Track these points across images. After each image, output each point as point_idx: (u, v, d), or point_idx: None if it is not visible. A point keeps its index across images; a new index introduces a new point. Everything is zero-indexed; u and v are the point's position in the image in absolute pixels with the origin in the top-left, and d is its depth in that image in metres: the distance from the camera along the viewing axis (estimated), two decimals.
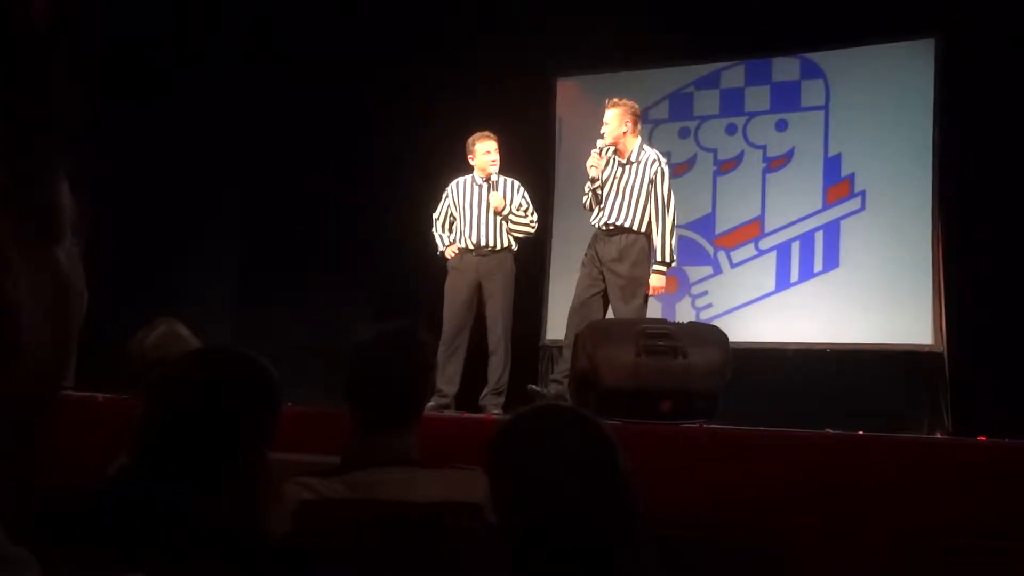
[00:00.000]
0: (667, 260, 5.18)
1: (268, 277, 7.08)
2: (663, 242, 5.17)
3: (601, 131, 5.35)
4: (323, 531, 1.77)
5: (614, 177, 5.29)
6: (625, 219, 5.23)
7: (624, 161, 5.30)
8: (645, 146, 5.38)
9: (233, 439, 1.56)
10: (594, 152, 5.32)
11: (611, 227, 5.26)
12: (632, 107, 5.35)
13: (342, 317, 6.60)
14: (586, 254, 5.45)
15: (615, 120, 5.30)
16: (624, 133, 5.28)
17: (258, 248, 7.23)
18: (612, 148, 5.32)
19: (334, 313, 6.62)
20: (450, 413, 5.24)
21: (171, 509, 1.42)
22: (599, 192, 5.33)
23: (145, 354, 2.69)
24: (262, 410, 1.62)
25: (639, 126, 5.41)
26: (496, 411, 5.40)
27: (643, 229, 5.22)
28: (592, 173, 5.31)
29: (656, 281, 5.17)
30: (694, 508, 3.20)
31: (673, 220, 5.24)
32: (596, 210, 5.36)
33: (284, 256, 7.07)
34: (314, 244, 7.10)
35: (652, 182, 5.21)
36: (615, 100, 5.39)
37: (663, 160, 5.31)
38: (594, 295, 5.29)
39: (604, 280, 5.27)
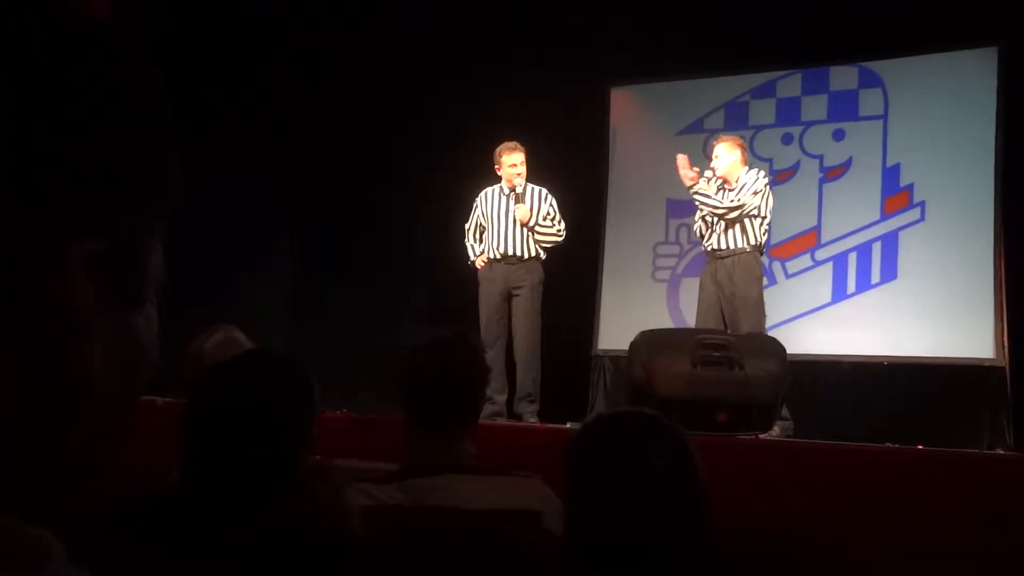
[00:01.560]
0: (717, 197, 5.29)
1: (323, 285, 7.15)
2: (735, 203, 5.25)
3: (712, 165, 5.46)
4: (381, 537, 1.77)
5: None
6: (735, 241, 5.30)
7: (732, 188, 5.37)
8: (751, 169, 5.46)
9: (271, 439, 1.57)
10: (702, 180, 5.41)
11: (721, 251, 5.34)
12: (739, 139, 5.54)
13: (397, 324, 6.64)
14: (702, 278, 5.52)
15: (725, 151, 5.41)
16: (733, 162, 5.39)
17: (313, 256, 7.31)
18: (721, 182, 5.42)
19: (389, 320, 6.67)
20: (502, 421, 5.25)
21: (225, 513, 1.43)
22: (709, 219, 5.41)
23: (204, 359, 2.72)
24: (298, 410, 1.64)
25: (747, 155, 5.51)
26: (532, 419, 5.40)
27: (749, 247, 5.30)
28: (688, 181, 5.38)
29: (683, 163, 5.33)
30: (751, 520, 3.16)
31: (765, 218, 5.31)
32: (708, 234, 5.45)
33: (339, 264, 7.14)
34: (369, 252, 7.16)
35: (756, 193, 5.27)
36: (722, 135, 5.57)
37: (764, 177, 5.39)
38: (715, 310, 5.33)
39: (721, 301, 5.31)
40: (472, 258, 5.81)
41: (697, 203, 5.37)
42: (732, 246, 5.30)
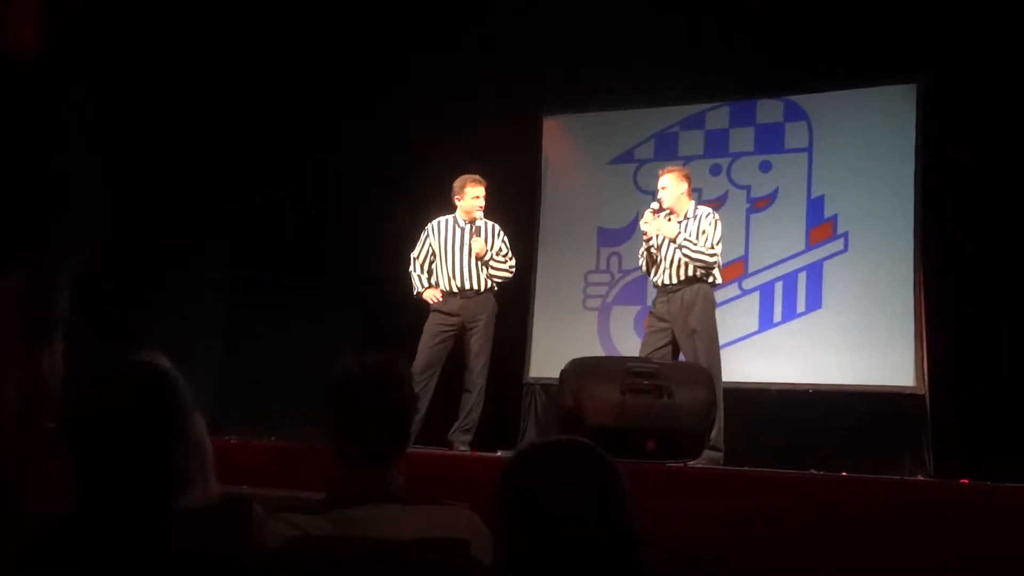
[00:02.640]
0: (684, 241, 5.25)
1: (253, 310, 7.05)
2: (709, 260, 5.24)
3: (658, 196, 5.45)
4: (308, 568, 1.75)
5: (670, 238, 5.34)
6: (687, 272, 5.29)
7: (680, 219, 5.37)
8: (699, 206, 5.49)
9: (139, 445, 1.56)
10: (647, 211, 5.42)
11: (673, 285, 5.32)
12: (685, 171, 5.53)
13: (326, 351, 6.57)
14: (649, 314, 5.51)
15: (672, 183, 5.40)
16: (681, 195, 5.38)
17: (243, 281, 7.21)
18: (668, 212, 5.41)
19: (318, 347, 6.60)
20: (430, 449, 5.21)
21: (129, 534, 1.42)
22: (654, 252, 5.40)
23: None
24: (161, 413, 1.62)
25: (691, 187, 5.52)
26: (463, 448, 5.39)
27: (703, 280, 5.29)
28: (647, 229, 5.39)
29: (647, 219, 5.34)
30: (676, 547, 3.18)
31: (712, 253, 5.27)
32: (653, 270, 5.44)
33: (269, 289, 7.06)
34: (299, 277, 7.09)
35: (704, 230, 5.28)
36: (668, 167, 5.56)
37: (716, 213, 5.42)
38: (660, 348, 5.27)
39: (672, 335, 5.28)
40: (419, 289, 5.73)
41: (684, 253, 5.25)
42: (685, 277, 5.29)
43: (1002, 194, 5.78)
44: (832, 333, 6.39)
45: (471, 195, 5.67)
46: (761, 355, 6.55)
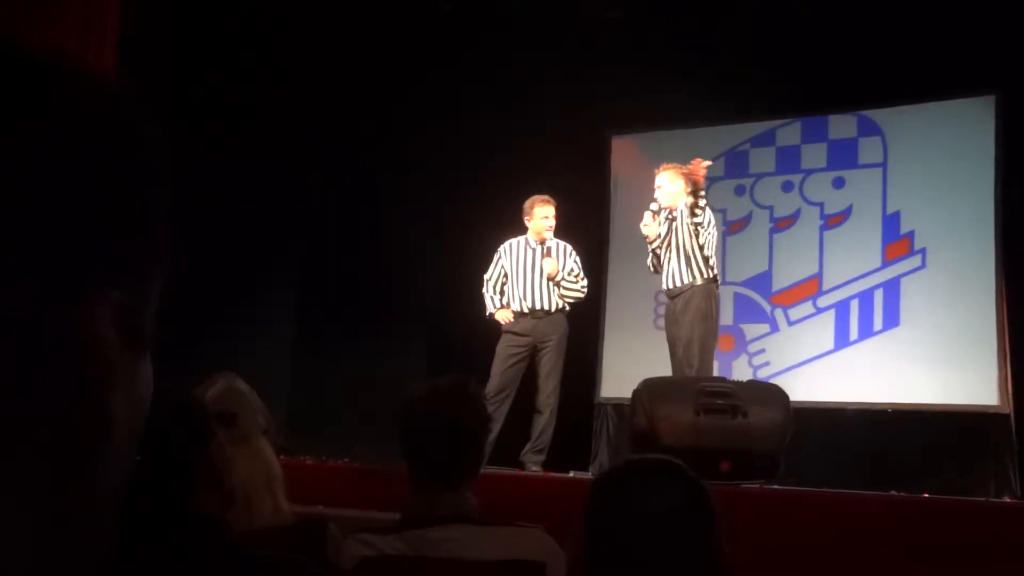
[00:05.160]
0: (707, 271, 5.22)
1: (325, 333, 7.13)
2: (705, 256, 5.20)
3: (655, 195, 5.42)
4: None
5: (668, 238, 5.36)
6: (682, 278, 5.26)
7: (672, 217, 5.34)
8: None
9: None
10: (647, 213, 5.42)
11: (671, 289, 5.33)
12: (682, 169, 5.40)
13: (400, 374, 6.62)
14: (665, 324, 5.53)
15: (667, 181, 5.37)
16: (677, 192, 5.33)
17: (315, 305, 7.30)
18: (667, 211, 5.39)
19: (392, 370, 6.65)
20: (503, 470, 5.21)
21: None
22: (659, 253, 5.40)
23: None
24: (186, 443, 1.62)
25: (688, 185, 5.41)
26: (535, 468, 5.37)
27: (700, 280, 5.25)
28: (649, 232, 5.39)
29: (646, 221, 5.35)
30: (754, 570, 3.12)
31: (711, 248, 5.23)
32: (660, 272, 5.44)
33: (341, 312, 7.13)
34: (371, 300, 7.15)
35: (689, 225, 5.24)
36: (665, 164, 5.48)
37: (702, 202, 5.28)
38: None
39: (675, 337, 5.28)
40: (491, 310, 5.74)
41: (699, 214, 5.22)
42: (681, 283, 5.26)
43: None
44: (911, 351, 6.25)
45: (540, 215, 5.68)
46: (837, 374, 6.44)
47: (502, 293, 5.75)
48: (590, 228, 7.07)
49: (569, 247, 5.77)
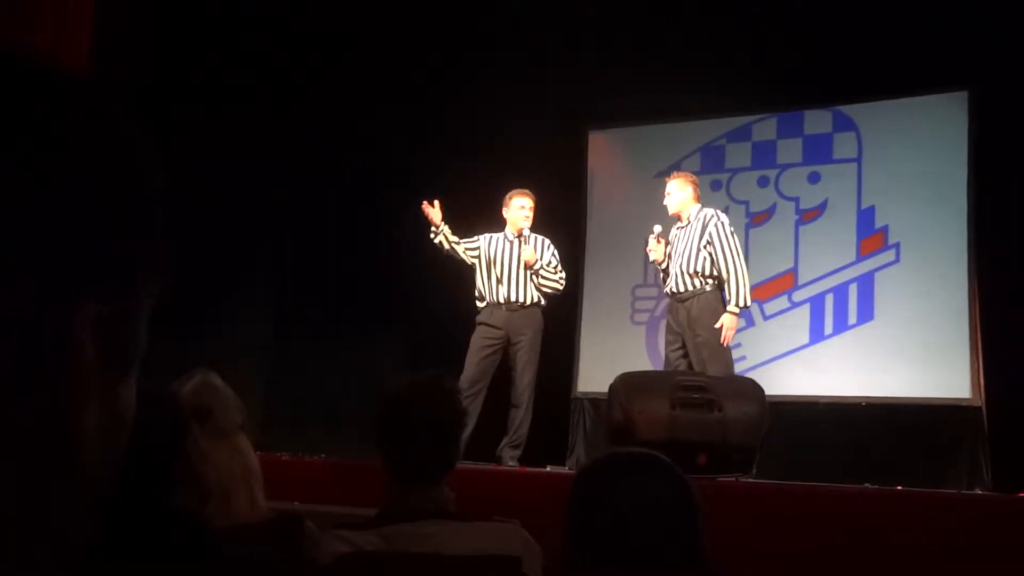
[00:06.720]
0: (740, 303, 5.18)
1: (302, 328, 7.11)
2: (736, 287, 5.17)
3: (664, 203, 5.47)
4: None
5: (675, 243, 5.38)
6: (691, 282, 5.27)
7: (683, 225, 5.38)
8: (704, 208, 5.45)
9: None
10: (651, 238, 5.45)
11: (680, 293, 5.31)
12: (691, 176, 5.54)
13: (375, 368, 6.61)
14: (666, 326, 5.51)
15: (677, 188, 5.42)
16: (685, 199, 5.39)
17: (292, 300, 7.27)
18: (675, 219, 5.43)
19: (368, 364, 6.63)
20: (479, 465, 5.22)
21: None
22: (667, 270, 5.45)
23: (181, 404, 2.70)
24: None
25: (699, 192, 5.49)
26: (512, 463, 5.38)
27: (709, 287, 5.25)
28: (654, 257, 5.45)
29: (728, 321, 5.14)
30: (730, 563, 3.15)
31: (743, 265, 5.23)
32: (665, 277, 5.46)
33: (317, 308, 7.11)
34: (348, 295, 7.13)
35: (710, 235, 5.24)
36: (674, 173, 5.61)
37: (720, 213, 5.37)
38: (680, 358, 5.28)
39: (684, 344, 5.27)
40: (437, 238, 5.72)
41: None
42: (692, 287, 5.27)
43: None
44: (885, 345, 6.30)
45: (517, 206, 5.70)
46: (812, 368, 6.48)
47: (457, 243, 5.72)
48: (567, 223, 7.07)
49: (547, 240, 5.78)
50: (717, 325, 5.12)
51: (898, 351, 6.24)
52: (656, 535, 1.44)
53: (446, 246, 5.73)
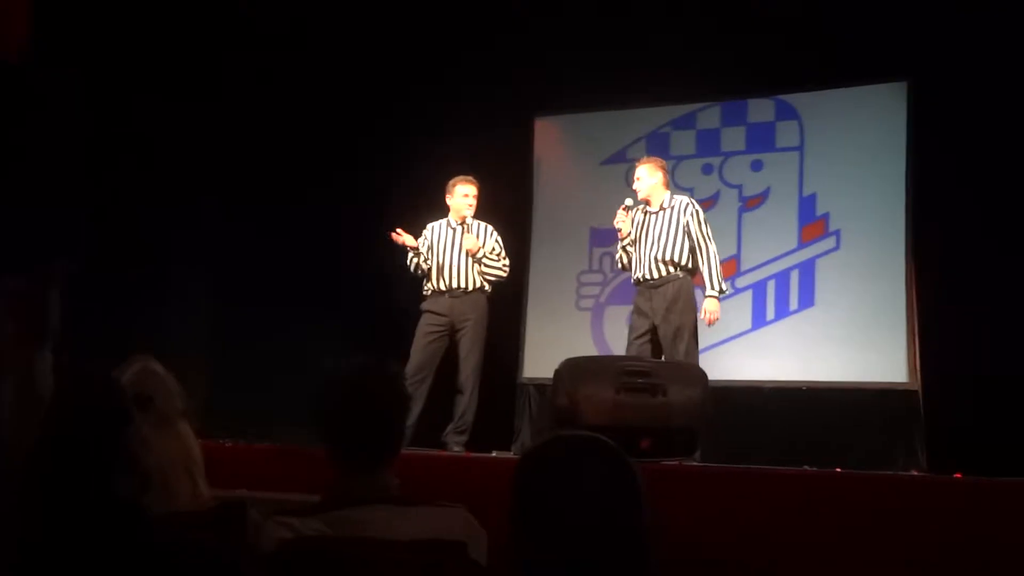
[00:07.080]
0: (718, 288, 5.25)
1: (244, 313, 7.02)
2: (711, 273, 5.25)
3: (633, 187, 5.48)
4: (303, 571, 1.75)
5: (645, 228, 5.36)
6: (665, 269, 5.29)
7: (655, 210, 5.38)
8: (675, 194, 5.49)
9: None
10: (620, 210, 5.45)
11: (652, 279, 5.30)
12: (661, 161, 5.57)
13: (319, 354, 6.55)
14: (632, 311, 5.47)
15: (647, 174, 5.42)
16: (655, 184, 5.40)
17: (235, 286, 7.18)
18: (643, 204, 5.44)
19: (312, 350, 6.57)
20: (425, 451, 5.21)
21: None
22: (629, 249, 5.43)
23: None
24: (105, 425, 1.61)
25: (667, 178, 5.53)
26: (458, 448, 5.39)
27: (683, 273, 5.29)
28: (622, 228, 5.43)
29: (710, 305, 5.22)
30: (672, 545, 3.18)
31: (715, 252, 5.31)
32: (634, 264, 5.43)
33: (260, 292, 7.03)
34: (289, 280, 7.06)
35: (688, 223, 5.28)
36: (644, 158, 5.63)
37: (695, 202, 5.43)
38: (644, 344, 5.29)
39: (654, 330, 5.27)
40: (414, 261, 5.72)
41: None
42: (666, 273, 5.29)
43: (992, 191, 5.80)
44: (825, 330, 6.40)
45: (460, 193, 5.70)
46: (754, 353, 6.57)
47: (426, 263, 5.71)
48: (513, 209, 7.08)
49: (490, 227, 5.79)
50: (701, 312, 5.21)
51: (838, 336, 6.34)
52: (600, 518, 1.45)
53: (424, 267, 5.70)
